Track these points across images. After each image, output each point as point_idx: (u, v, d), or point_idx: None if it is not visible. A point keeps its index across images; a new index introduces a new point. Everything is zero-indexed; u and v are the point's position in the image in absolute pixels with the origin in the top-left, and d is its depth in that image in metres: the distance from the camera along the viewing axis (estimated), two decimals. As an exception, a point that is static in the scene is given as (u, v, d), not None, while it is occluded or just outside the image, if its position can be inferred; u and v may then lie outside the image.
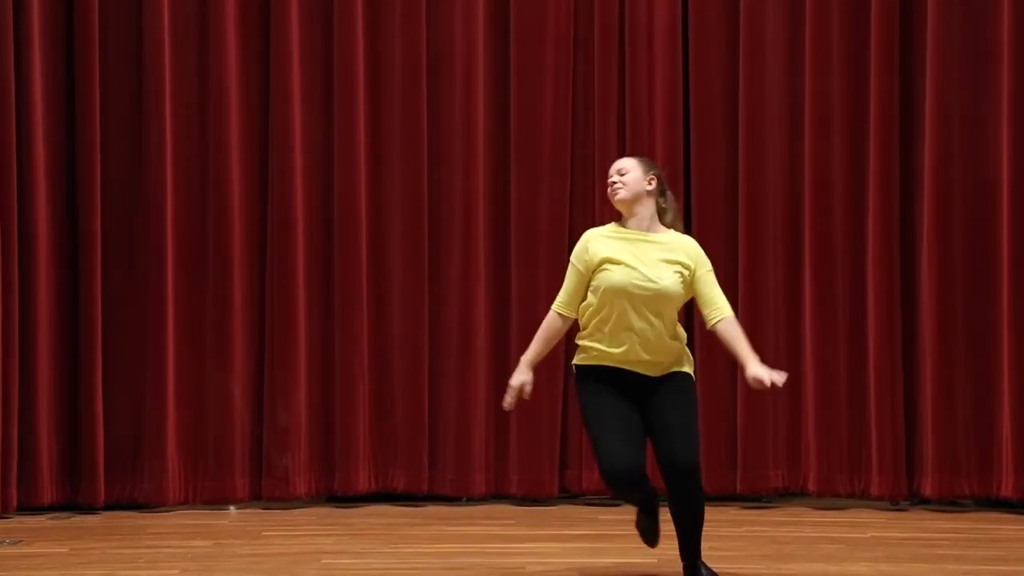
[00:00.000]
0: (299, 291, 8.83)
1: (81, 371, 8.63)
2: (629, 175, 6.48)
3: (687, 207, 8.85)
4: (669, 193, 6.59)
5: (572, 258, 6.46)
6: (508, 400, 6.48)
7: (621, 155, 8.89)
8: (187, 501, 8.78)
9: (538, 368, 8.68)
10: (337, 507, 8.83)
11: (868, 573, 6.83)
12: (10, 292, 8.42)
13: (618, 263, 6.33)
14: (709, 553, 7.25)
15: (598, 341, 6.36)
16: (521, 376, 6.46)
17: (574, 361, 6.49)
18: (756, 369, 6.26)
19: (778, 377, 6.22)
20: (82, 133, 8.65)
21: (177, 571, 6.97)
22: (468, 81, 8.93)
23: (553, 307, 6.47)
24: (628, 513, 8.37)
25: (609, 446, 6.24)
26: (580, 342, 6.47)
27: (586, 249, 6.41)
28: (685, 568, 6.47)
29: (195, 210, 8.84)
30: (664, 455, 6.26)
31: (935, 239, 8.62)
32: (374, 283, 8.89)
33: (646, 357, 6.33)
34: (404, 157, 8.95)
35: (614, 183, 6.49)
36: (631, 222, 6.46)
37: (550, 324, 6.49)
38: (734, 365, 8.72)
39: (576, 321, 6.46)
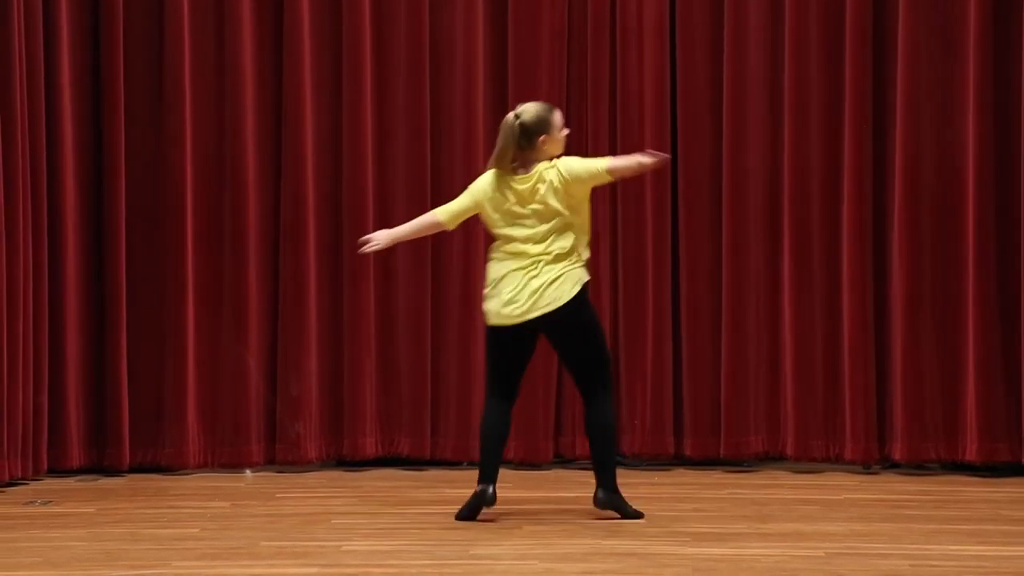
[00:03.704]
0: (310, 268, 8.86)
1: (107, 344, 8.67)
2: None
3: (674, 192, 8.89)
4: None
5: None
6: None
7: (612, 140, 8.93)
8: (206, 465, 8.82)
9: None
10: (346, 471, 8.86)
11: (842, 532, 6.86)
12: (40, 270, 8.44)
13: None
14: (695, 514, 7.32)
15: None
16: None
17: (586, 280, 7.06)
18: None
19: None
20: (107, 119, 8.67)
21: (197, 530, 7.00)
22: (468, 69, 8.94)
23: None
24: (620, 477, 8.38)
25: None
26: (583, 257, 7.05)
27: None
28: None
29: (213, 192, 8.85)
30: None
31: (905, 221, 8.64)
32: (380, 260, 8.84)
33: None
34: (408, 140, 8.97)
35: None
36: None
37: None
38: (719, 336, 8.82)
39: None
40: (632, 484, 7.88)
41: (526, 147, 7.08)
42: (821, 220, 8.79)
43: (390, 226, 8.80)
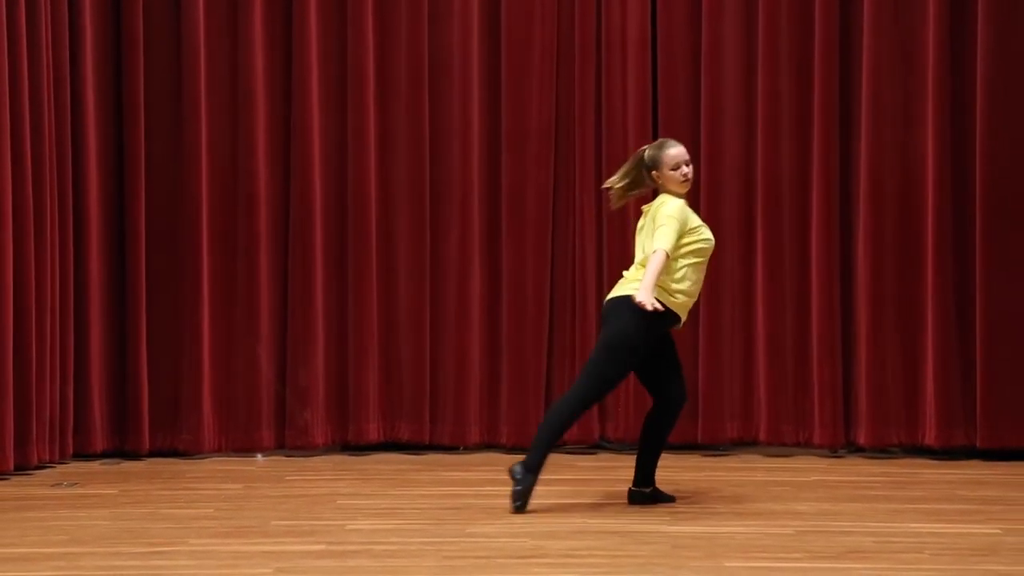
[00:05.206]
0: (317, 267, 8.87)
1: (128, 337, 8.68)
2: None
3: (654, 196, 8.88)
4: None
5: (677, 215, 6.76)
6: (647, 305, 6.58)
7: (598, 150, 8.95)
8: (220, 450, 8.83)
9: (526, 333, 8.89)
10: (351, 455, 8.87)
11: (811, 511, 6.88)
12: (66, 269, 8.46)
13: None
14: (674, 495, 7.32)
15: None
16: (652, 299, 6.59)
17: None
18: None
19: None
20: (128, 129, 8.68)
21: (212, 510, 7.02)
22: (464, 84, 8.95)
23: (664, 248, 6.70)
24: (603, 460, 8.46)
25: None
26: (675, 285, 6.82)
27: (686, 211, 6.85)
28: (655, 491, 7.02)
29: (227, 196, 8.86)
30: (678, 391, 6.87)
31: (869, 223, 8.66)
32: (383, 260, 8.92)
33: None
34: (409, 151, 8.98)
35: (687, 175, 6.94)
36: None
37: (663, 263, 6.71)
38: (695, 329, 8.81)
39: None
40: (616, 467, 7.89)
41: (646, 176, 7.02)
42: (791, 222, 8.81)
43: (391, 231, 8.91)
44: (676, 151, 6.94)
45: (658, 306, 6.60)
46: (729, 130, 8.85)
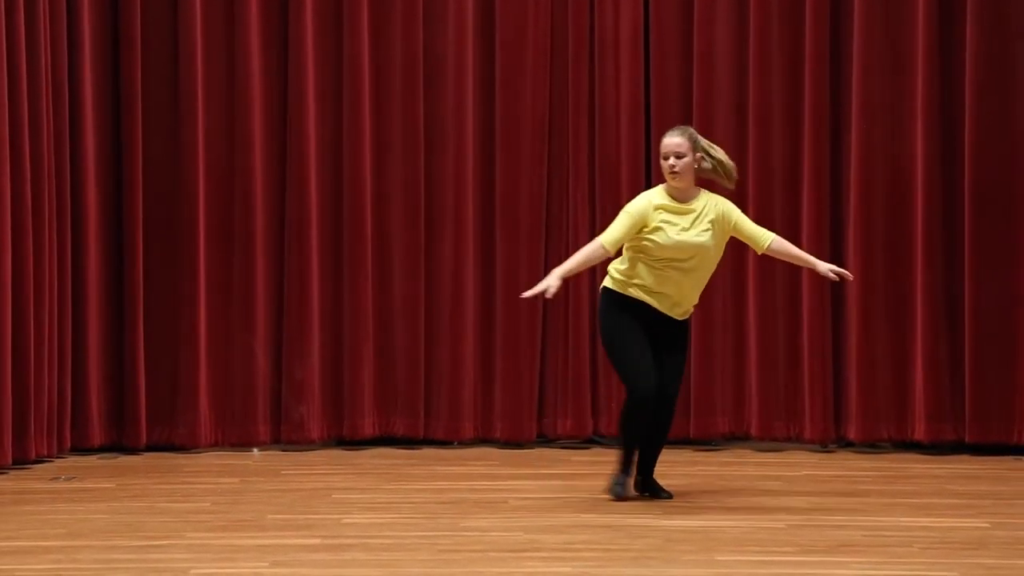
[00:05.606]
0: (313, 264, 8.84)
1: (125, 332, 8.65)
2: (684, 160, 6.74)
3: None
4: (714, 151, 6.88)
5: (633, 211, 6.71)
6: (529, 294, 6.60)
7: (591, 147, 8.96)
8: (217, 444, 8.80)
9: (519, 329, 8.88)
10: (346, 450, 8.86)
11: (802, 505, 6.87)
12: (64, 266, 8.44)
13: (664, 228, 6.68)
14: (667, 488, 7.31)
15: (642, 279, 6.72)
16: (550, 282, 6.54)
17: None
18: (825, 265, 6.85)
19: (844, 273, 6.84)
20: (126, 127, 8.66)
21: (208, 503, 7.02)
22: (459, 83, 8.93)
23: (602, 241, 6.70)
24: (596, 455, 8.45)
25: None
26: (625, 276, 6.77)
27: (646, 209, 6.67)
28: (644, 481, 7.00)
29: (223, 194, 8.83)
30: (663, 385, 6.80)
31: (859, 222, 8.66)
32: (378, 256, 8.89)
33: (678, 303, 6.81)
34: (404, 148, 8.96)
35: (673, 167, 6.73)
36: (677, 193, 6.75)
37: (593, 253, 6.68)
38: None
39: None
40: (609, 462, 7.87)
41: None
42: (783, 219, 8.78)
43: (386, 227, 8.89)
44: (664, 141, 6.92)
45: (547, 291, 6.54)
46: (721, 129, 8.81)
